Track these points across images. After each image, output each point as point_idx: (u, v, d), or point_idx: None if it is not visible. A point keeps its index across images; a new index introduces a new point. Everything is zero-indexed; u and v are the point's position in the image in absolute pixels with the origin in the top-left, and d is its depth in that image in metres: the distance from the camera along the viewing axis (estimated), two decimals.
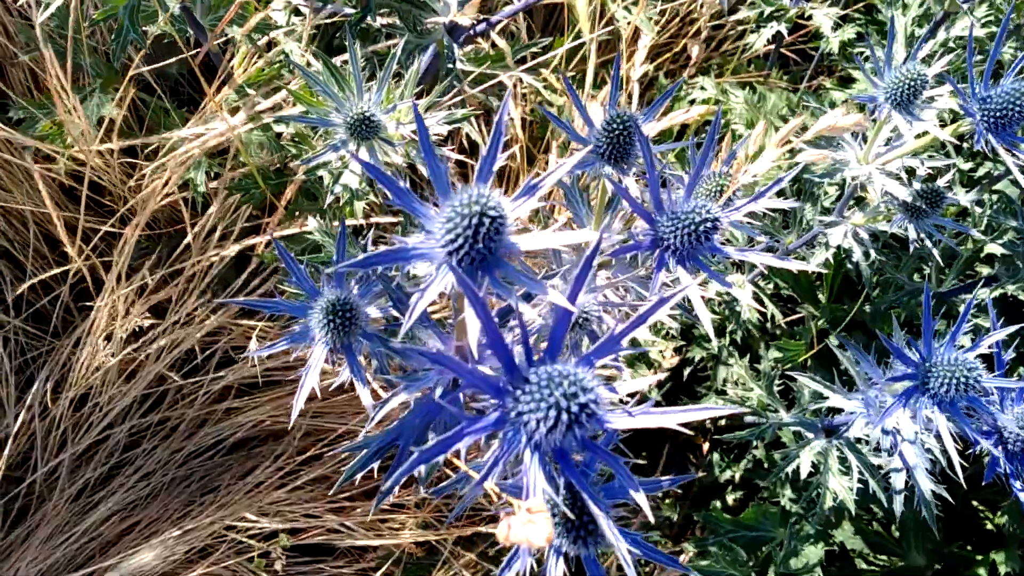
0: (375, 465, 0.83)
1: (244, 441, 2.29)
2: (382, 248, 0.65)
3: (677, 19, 2.17)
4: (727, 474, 1.94)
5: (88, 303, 2.09)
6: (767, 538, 1.69)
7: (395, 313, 0.88)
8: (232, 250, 1.81)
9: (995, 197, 1.75)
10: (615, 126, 0.98)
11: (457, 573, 1.98)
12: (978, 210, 1.64)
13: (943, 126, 1.16)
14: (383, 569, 2.06)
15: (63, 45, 1.72)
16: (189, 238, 1.79)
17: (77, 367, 1.97)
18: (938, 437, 1.07)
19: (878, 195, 1.07)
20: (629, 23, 1.94)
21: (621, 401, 0.70)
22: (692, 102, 1.99)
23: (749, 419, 1.56)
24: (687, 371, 1.89)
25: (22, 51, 1.71)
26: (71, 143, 1.70)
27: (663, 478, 0.73)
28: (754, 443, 1.49)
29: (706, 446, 2.02)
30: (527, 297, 0.89)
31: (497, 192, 0.65)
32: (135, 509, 2.23)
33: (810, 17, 1.93)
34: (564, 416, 0.61)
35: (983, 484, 1.01)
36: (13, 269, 2.10)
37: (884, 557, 2.11)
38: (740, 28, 2.23)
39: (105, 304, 1.87)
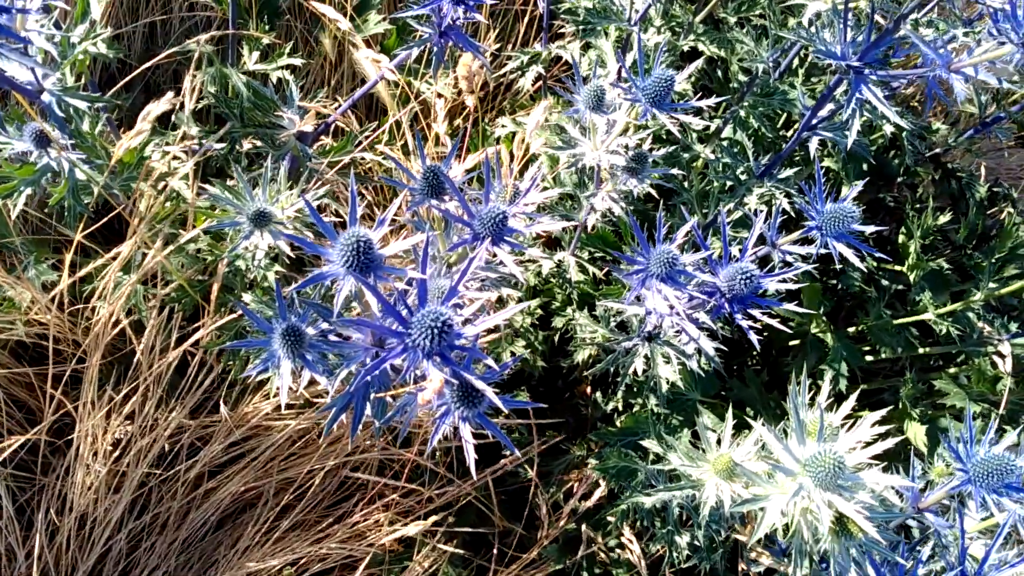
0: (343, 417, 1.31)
1: (227, 516, 2.68)
2: (309, 276, 1.15)
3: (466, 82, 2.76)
4: (610, 406, 2.48)
5: (60, 440, 2.45)
6: (645, 437, 2.23)
7: (324, 326, 1.37)
8: (174, 353, 2.24)
9: (724, 143, 2.39)
10: (428, 175, 1.51)
11: (435, 552, 2.43)
12: (712, 157, 2.26)
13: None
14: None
15: None
16: (139, 355, 2.21)
17: (75, 490, 2.33)
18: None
19: (607, 168, 1.63)
20: (433, 92, 2.51)
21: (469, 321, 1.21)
22: (497, 138, 2.57)
23: (610, 357, 2.11)
24: (556, 337, 2.44)
25: None
26: (24, 309, 2.10)
27: (507, 360, 1.24)
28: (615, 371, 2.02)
29: (588, 389, 2.56)
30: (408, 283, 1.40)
31: (363, 228, 1.16)
32: None
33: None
34: (435, 331, 1.12)
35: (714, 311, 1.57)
36: None
37: None
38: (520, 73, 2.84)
39: (86, 429, 2.25)
